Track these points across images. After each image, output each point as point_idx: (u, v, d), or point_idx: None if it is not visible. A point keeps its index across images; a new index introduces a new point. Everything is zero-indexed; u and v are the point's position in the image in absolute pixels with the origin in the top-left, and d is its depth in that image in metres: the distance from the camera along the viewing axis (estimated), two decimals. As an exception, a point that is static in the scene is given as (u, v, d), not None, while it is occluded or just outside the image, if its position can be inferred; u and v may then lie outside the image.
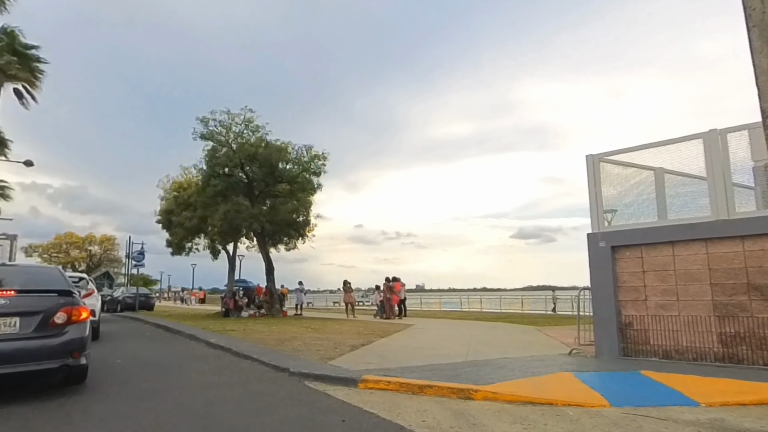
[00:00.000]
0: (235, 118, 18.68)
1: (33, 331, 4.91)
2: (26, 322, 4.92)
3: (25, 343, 4.82)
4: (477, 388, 5.10)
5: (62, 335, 5.04)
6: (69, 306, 5.22)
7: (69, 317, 5.15)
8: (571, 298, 27.95)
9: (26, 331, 4.88)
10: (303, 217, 19.76)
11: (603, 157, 7.83)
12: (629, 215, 7.73)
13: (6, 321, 4.83)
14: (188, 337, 11.29)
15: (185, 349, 9.58)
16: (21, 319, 4.90)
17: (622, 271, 7.35)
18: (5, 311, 4.84)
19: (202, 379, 6.18)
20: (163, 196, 24.15)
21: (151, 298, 29.62)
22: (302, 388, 5.53)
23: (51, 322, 5.03)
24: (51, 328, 5.01)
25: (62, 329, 5.07)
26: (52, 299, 5.18)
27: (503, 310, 28.28)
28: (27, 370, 4.77)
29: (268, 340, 10.04)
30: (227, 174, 19.26)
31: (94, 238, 62.50)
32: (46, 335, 4.96)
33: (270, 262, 20.07)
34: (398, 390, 5.34)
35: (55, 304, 5.13)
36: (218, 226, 18.21)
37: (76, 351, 5.12)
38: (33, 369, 4.81)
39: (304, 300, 23.30)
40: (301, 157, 19.19)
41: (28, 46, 20.06)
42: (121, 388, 5.58)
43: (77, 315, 5.24)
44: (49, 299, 5.18)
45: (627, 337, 7.20)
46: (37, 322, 4.95)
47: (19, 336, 4.83)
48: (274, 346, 8.90)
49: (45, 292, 5.29)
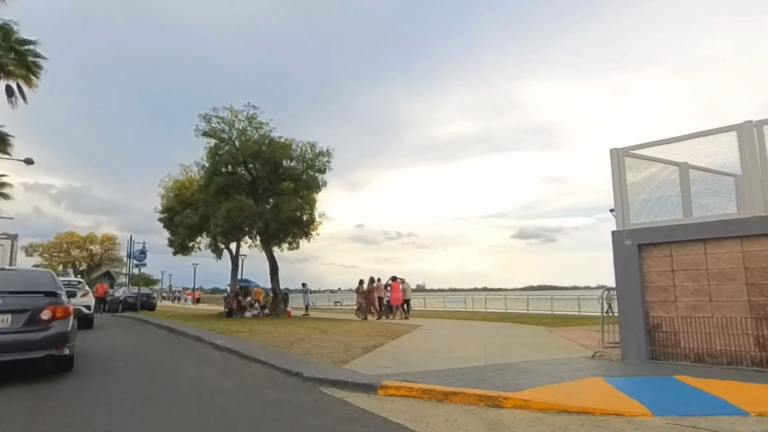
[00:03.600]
0: (238, 114, 18.30)
1: (23, 326, 5.66)
2: (17, 318, 5.65)
3: (15, 336, 5.57)
4: (506, 396, 4.76)
5: (48, 330, 5.79)
6: (54, 305, 5.94)
7: (54, 314, 5.88)
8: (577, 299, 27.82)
9: (17, 326, 5.63)
10: (308, 215, 19.39)
11: (628, 152, 7.49)
12: (653, 213, 7.38)
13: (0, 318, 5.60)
14: (193, 338, 10.95)
15: (191, 351, 9.24)
16: (12, 316, 5.64)
17: (650, 271, 7.01)
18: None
19: (211, 384, 5.85)
20: (164, 195, 23.80)
21: (152, 298, 29.28)
22: (318, 395, 5.19)
23: (38, 318, 5.76)
24: (38, 323, 5.75)
25: (48, 324, 5.81)
26: (39, 299, 5.92)
27: (507, 310, 27.93)
28: (17, 358, 5.54)
29: (276, 342, 9.71)
30: (230, 172, 18.89)
31: (95, 238, 62.17)
32: (33, 329, 5.71)
33: (274, 261, 19.69)
34: (421, 397, 5.01)
35: (42, 303, 5.87)
36: (221, 225, 17.81)
37: (59, 343, 5.85)
38: (22, 358, 5.59)
39: (309, 300, 23.00)
40: (305, 154, 18.82)
41: (24, 42, 19.55)
42: (125, 395, 5.25)
43: (61, 312, 5.98)
44: (37, 299, 5.91)
45: (655, 340, 6.86)
46: (26, 318, 5.70)
47: (10, 330, 5.58)
48: (282, 349, 8.57)
49: (33, 293, 6.02)
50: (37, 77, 21.02)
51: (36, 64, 20.87)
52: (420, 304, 31.41)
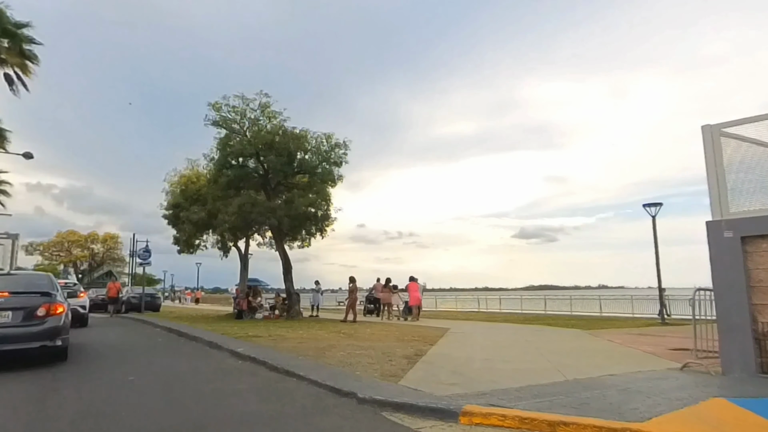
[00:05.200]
0: (250, 103, 17.17)
1: (21, 321, 6.58)
2: (16, 314, 6.57)
3: (14, 330, 6.49)
4: (637, 428, 3.69)
5: (42, 324, 6.67)
6: (48, 303, 6.88)
7: (48, 311, 6.80)
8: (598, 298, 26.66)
9: (16, 321, 6.55)
10: (323, 210, 18.24)
11: (723, 130, 6.41)
12: (756, 199, 6.30)
13: (1, 314, 6.52)
14: (208, 344, 9.85)
15: (209, 360, 8.14)
16: (12, 312, 6.56)
17: (758, 268, 5.92)
18: (1, 307, 6.53)
19: (243, 407, 4.77)
20: (169, 190, 22.67)
21: (157, 298, 27.70)
22: (385, 426, 4.12)
23: (34, 314, 6.66)
24: (34, 318, 6.65)
25: (43, 320, 6.70)
26: (35, 298, 6.88)
27: (523, 310, 26.75)
28: (15, 348, 6.44)
29: (304, 349, 8.64)
30: (241, 164, 17.77)
31: (97, 237, 61.13)
32: (30, 324, 6.61)
33: (287, 259, 18.54)
34: (519, 428, 3.94)
35: (38, 302, 6.81)
36: (231, 221, 16.70)
37: (53, 336, 6.73)
38: (19, 348, 6.49)
39: (320, 300, 21.90)
40: (321, 145, 17.69)
41: (18, 25, 18.21)
42: (140, 422, 4.17)
43: (54, 309, 6.89)
44: (34, 298, 6.88)
45: (766, 351, 5.78)
46: (23, 314, 6.62)
47: (10, 324, 6.50)
48: (315, 358, 7.50)
49: (31, 292, 7.04)
50: (34, 63, 19.85)
51: (31, 51, 19.71)
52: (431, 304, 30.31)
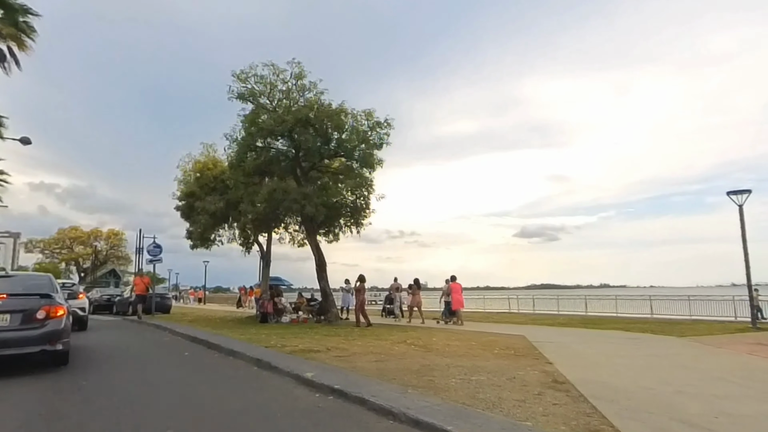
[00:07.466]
0: (281, 73, 14.83)
1: (20, 324, 6.43)
2: (15, 317, 6.43)
3: (13, 333, 6.34)
4: None
5: (42, 327, 6.49)
6: (48, 305, 6.67)
7: (48, 314, 6.59)
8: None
9: (15, 324, 6.41)
10: (362, 199, 15.86)
11: None
12: None
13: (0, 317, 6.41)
14: (255, 363, 7.38)
15: (270, 393, 5.62)
16: (11, 315, 6.42)
17: None
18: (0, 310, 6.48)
19: None
20: (182, 179, 20.32)
21: (167, 298, 24.98)
22: None
23: (34, 317, 6.49)
24: (34, 321, 6.48)
25: (43, 323, 6.51)
26: (35, 300, 6.67)
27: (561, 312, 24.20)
28: (14, 353, 6.28)
29: (391, 371, 6.31)
30: (268, 146, 15.40)
31: (101, 233, 58.86)
32: (29, 327, 6.44)
33: (321, 255, 16.10)
34: None
35: (37, 304, 6.61)
36: (260, 211, 14.34)
37: (53, 340, 6.52)
38: (19, 353, 6.33)
39: (351, 301, 19.56)
40: (359, 125, 15.31)
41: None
42: None
43: (54, 312, 6.66)
44: (33, 300, 6.67)
45: None
46: (22, 317, 6.46)
47: (9, 328, 6.37)
48: (426, 389, 5.17)
49: (30, 294, 6.81)
50: (30, 38, 17.63)
51: (28, 24, 17.48)
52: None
